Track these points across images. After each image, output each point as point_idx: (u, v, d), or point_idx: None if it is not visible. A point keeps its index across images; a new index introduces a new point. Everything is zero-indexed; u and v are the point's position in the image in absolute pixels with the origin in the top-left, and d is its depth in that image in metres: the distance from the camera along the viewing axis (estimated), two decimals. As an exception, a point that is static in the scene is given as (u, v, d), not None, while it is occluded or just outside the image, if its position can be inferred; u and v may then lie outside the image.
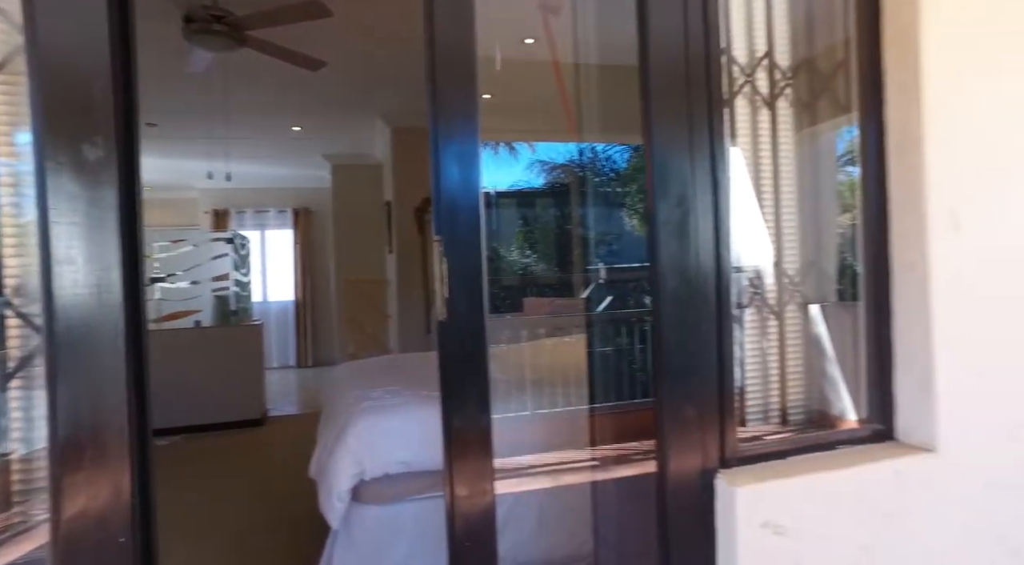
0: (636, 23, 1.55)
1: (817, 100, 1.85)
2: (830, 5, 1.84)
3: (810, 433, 1.72)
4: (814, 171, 1.91)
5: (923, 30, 1.65)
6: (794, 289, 1.81)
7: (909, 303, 1.70)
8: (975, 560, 1.68)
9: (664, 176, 1.52)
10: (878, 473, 1.60)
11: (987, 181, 1.71)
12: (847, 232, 1.96)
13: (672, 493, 1.52)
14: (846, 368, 1.86)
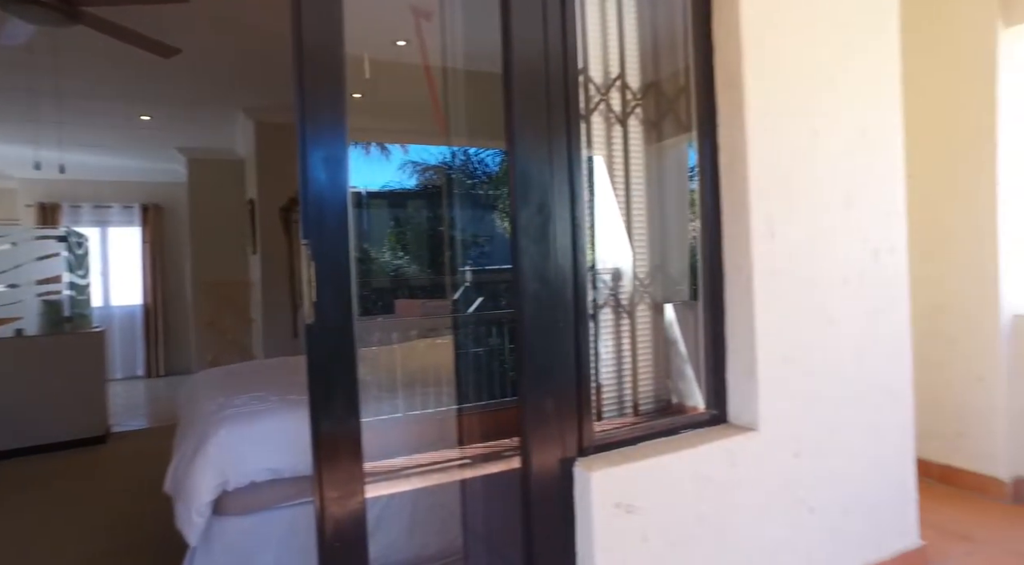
0: (501, 42, 1.63)
1: (663, 120, 2.05)
2: (673, 37, 2.05)
3: (658, 421, 1.90)
4: (665, 183, 2.11)
5: (745, 70, 1.90)
6: (644, 290, 2.00)
7: (737, 300, 1.95)
8: (785, 518, 1.96)
9: (525, 185, 1.62)
10: (712, 453, 1.82)
11: (791, 196, 1.99)
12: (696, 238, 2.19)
13: (535, 483, 1.63)
14: (691, 361, 2.08)
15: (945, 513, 2.79)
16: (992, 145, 2.91)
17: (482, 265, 7.63)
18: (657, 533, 1.69)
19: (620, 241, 1.98)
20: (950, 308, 3.07)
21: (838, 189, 2.10)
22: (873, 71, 2.23)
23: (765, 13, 1.94)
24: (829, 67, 2.10)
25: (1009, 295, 2.94)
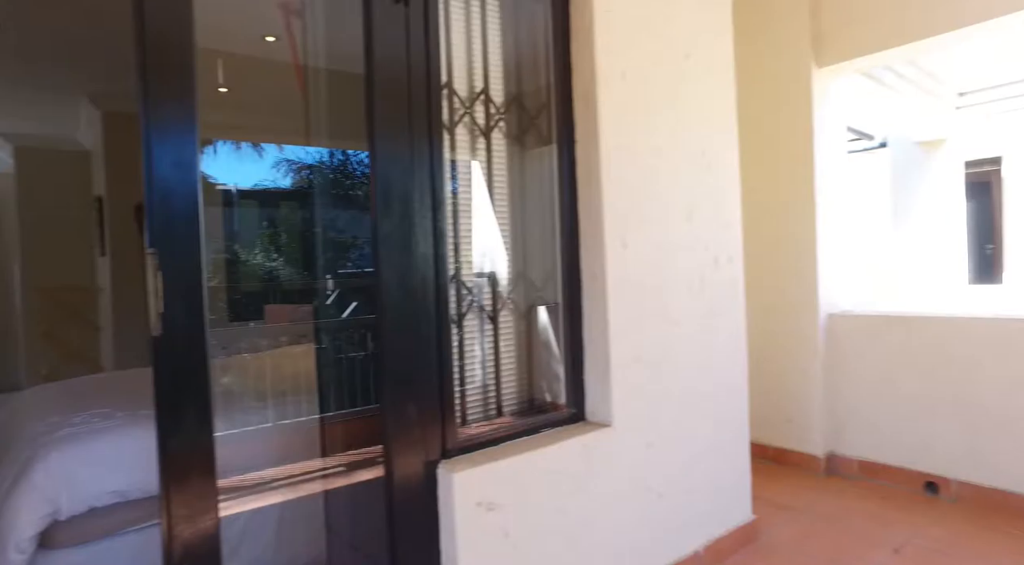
0: (363, 52, 1.65)
1: (526, 133, 2.16)
2: (536, 56, 2.16)
3: (520, 421, 2.00)
4: (529, 194, 2.21)
5: (599, 91, 2.05)
6: (508, 297, 2.09)
7: (593, 306, 2.09)
8: (637, 504, 2.13)
9: (387, 193, 1.65)
10: (570, 449, 1.94)
11: (640, 209, 2.18)
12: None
13: (399, 487, 1.66)
14: (554, 363, 2.20)
15: (774, 488, 3.15)
16: (809, 167, 3.33)
17: (361, 267, 7.47)
18: (518, 527, 1.77)
19: (485, 249, 2.06)
20: (779, 309, 3.48)
21: (681, 203, 2.32)
22: (711, 99, 2.48)
23: (617, 40, 2.11)
24: (673, 92, 2.31)
25: (825, 296, 3.38)
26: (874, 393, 3.25)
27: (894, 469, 3.17)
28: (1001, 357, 2.85)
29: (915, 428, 3.10)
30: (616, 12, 2.11)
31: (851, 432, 3.32)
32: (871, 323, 3.31)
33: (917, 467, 3.09)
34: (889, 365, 3.20)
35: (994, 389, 2.86)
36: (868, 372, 3.27)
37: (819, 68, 3.36)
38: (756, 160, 3.54)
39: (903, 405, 3.14)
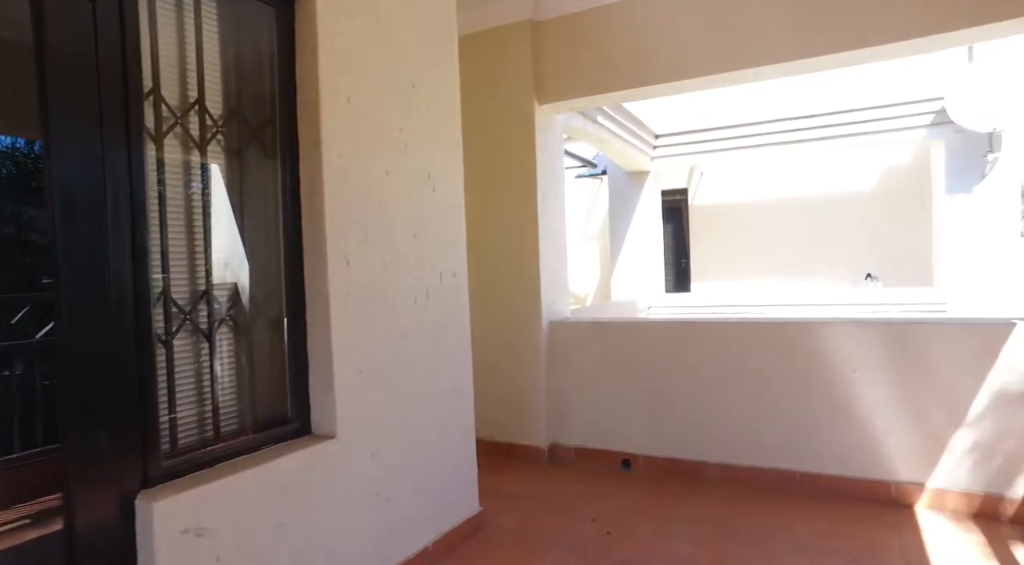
0: (34, 47, 1.49)
1: (247, 148, 2.11)
2: (260, 69, 2.14)
3: (237, 440, 1.95)
4: (249, 208, 2.17)
5: (324, 111, 2.11)
6: (227, 313, 2.03)
7: (317, 321, 2.13)
8: (366, 510, 2.22)
9: (69, 203, 1.51)
10: (292, 463, 1.95)
11: (365, 228, 2.28)
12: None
13: (84, 529, 1.51)
14: (279, 378, 2.18)
15: (505, 481, 3.50)
16: (532, 189, 3.79)
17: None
18: (232, 550, 1.74)
19: (203, 265, 1.97)
20: (509, 318, 3.87)
21: (407, 222, 2.48)
22: (437, 126, 2.70)
23: (343, 63, 2.19)
24: (400, 118, 2.47)
25: (547, 306, 3.86)
26: (586, 388, 3.79)
27: (601, 452, 3.73)
28: (673, 353, 3.55)
29: (615, 415, 3.70)
30: (342, 36, 2.20)
31: (569, 424, 3.83)
32: (583, 328, 3.87)
33: (617, 448, 3.69)
34: (597, 364, 3.77)
35: (668, 378, 3.55)
36: (581, 371, 3.81)
37: (540, 105, 3.84)
38: (489, 183, 3.92)
39: (607, 396, 3.73)
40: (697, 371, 3.48)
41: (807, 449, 3.22)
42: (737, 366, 3.39)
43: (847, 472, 3.12)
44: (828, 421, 3.17)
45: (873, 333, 3.13)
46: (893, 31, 2.99)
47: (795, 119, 6.43)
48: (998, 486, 2.83)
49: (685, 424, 3.50)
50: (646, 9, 3.54)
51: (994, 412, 2.84)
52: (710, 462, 3.42)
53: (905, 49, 3.12)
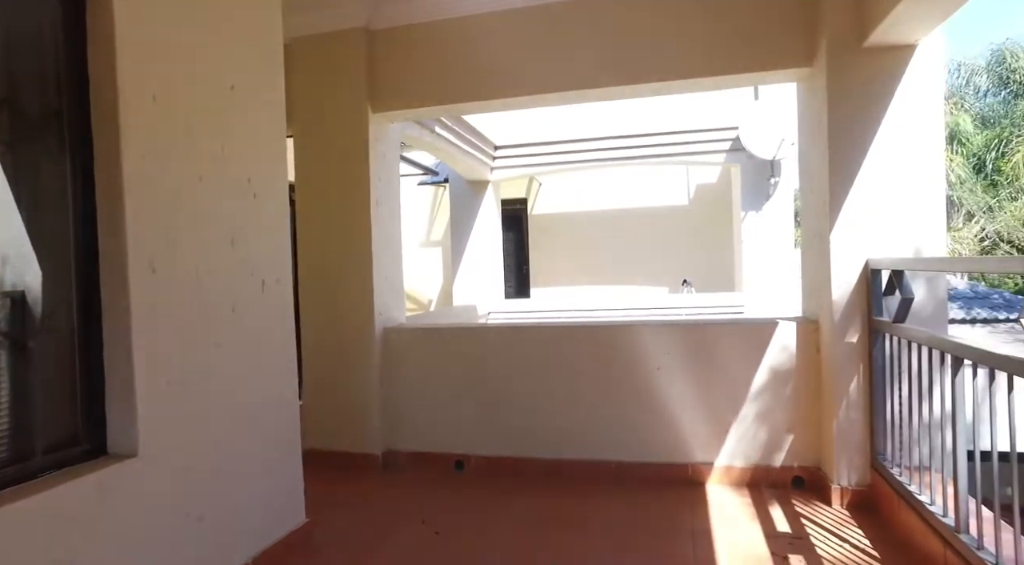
0: None
1: (25, 142, 1.91)
2: (42, 50, 1.94)
3: (8, 468, 1.75)
4: (33, 211, 1.96)
5: (123, 110, 1.97)
6: (0, 326, 1.82)
7: (116, 333, 1.98)
8: (175, 533, 2.10)
9: None
10: (79, 489, 1.79)
11: (176, 234, 2.17)
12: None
13: None
14: (67, 395, 1.98)
15: (338, 490, 3.46)
16: (366, 197, 3.79)
17: None
18: (0, 590, 1.56)
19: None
20: (342, 325, 3.83)
21: (224, 229, 2.38)
22: (260, 130, 2.62)
23: (147, 58, 2.06)
24: (217, 120, 2.37)
25: (381, 312, 3.88)
26: (420, 393, 3.86)
27: (436, 455, 3.81)
28: (501, 356, 3.74)
29: (448, 418, 3.80)
30: (147, 27, 2.07)
31: (404, 429, 3.87)
32: (417, 334, 3.94)
33: (450, 450, 3.79)
34: (431, 368, 3.86)
35: (497, 380, 3.73)
36: (415, 376, 3.87)
37: (374, 113, 3.85)
38: (322, 190, 3.86)
39: (440, 400, 3.82)
40: (523, 373, 3.70)
41: (618, 440, 3.55)
42: (558, 367, 3.65)
43: (652, 458, 3.50)
44: (636, 414, 3.52)
45: (673, 334, 3.54)
46: (678, 71, 3.46)
47: (622, 138, 7.05)
48: (765, 458, 3.35)
49: (513, 424, 3.70)
50: (480, 28, 3.71)
51: (762, 397, 3.35)
52: (536, 458, 3.64)
53: (689, 86, 3.61)
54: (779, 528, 2.86)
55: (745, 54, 3.36)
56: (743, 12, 3.31)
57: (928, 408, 2.43)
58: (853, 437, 3.03)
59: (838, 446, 3.06)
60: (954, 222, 16.25)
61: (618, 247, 8.32)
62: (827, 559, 2.54)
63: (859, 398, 3.02)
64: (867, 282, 2.97)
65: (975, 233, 15.53)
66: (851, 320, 3.02)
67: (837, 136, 3.01)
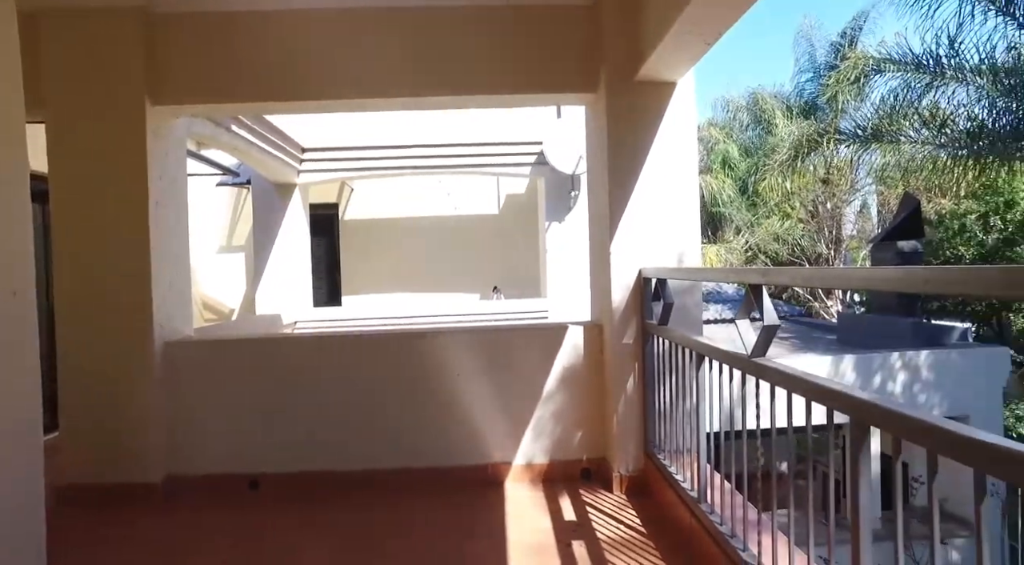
0: None
1: None
2: None
3: None
4: None
5: None
6: None
7: None
8: None
9: None
10: None
11: None
12: None
13: None
14: None
15: (104, 528, 3.04)
16: (143, 199, 3.40)
17: None
18: None
19: None
20: (112, 340, 3.39)
21: (-64, 230, 1.99)
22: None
23: None
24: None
25: (162, 324, 3.50)
26: (208, 411, 3.55)
27: (227, 476, 3.52)
28: (298, 368, 3.59)
29: (240, 436, 3.55)
30: None
31: (188, 451, 3.52)
32: (205, 348, 3.62)
33: (243, 470, 3.53)
34: (221, 384, 3.56)
35: (294, 393, 3.56)
36: (203, 392, 3.55)
37: (154, 106, 3.47)
38: (90, 188, 3.41)
39: (232, 418, 3.55)
40: (327, 384, 3.58)
41: (428, 447, 3.59)
42: (363, 376, 3.60)
43: (456, 462, 3.58)
44: (442, 420, 3.59)
45: (473, 340, 3.67)
46: (480, 86, 3.61)
47: (435, 147, 7.15)
48: (558, 454, 3.61)
49: (317, 438, 3.56)
50: (279, 25, 3.52)
51: (555, 396, 3.61)
52: (338, 471, 3.53)
53: (492, 101, 3.80)
54: (566, 517, 3.10)
55: (542, 76, 3.61)
56: (541, 39, 3.55)
57: (685, 398, 2.80)
58: (630, 428, 3.38)
59: (618, 437, 3.39)
60: (727, 235, 18.91)
61: (431, 254, 8.42)
62: (604, 541, 2.80)
63: (635, 393, 3.39)
64: (640, 289, 3.34)
65: (742, 245, 18.19)
66: (628, 323, 3.38)
67: (615, 157, 3.35)
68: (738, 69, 46.04)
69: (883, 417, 1.37)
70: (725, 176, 18.54)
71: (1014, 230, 13.17)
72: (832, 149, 12.35)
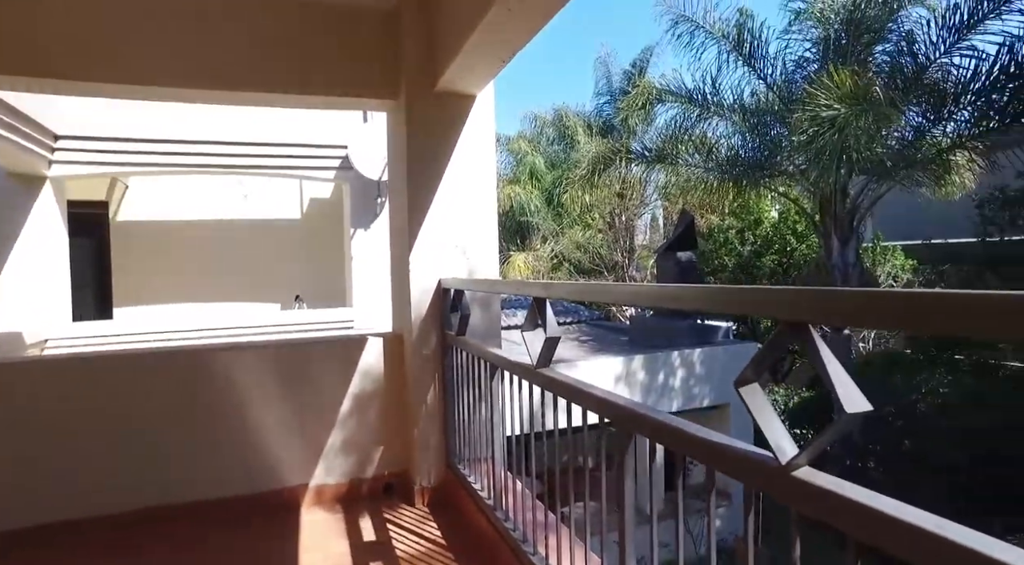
0: None
1: None
2: None
3: None
4: None
5: None
6: None
7: None
8: None
9: None
10: None
11: None
12: None
13: None
14: None
15: None
16: None
17: None
18: None
19: None
20: None
21: None
22: None
23: None
24: None
25: None
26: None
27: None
28: (55, 395, 3.01)
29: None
30: None
31: None
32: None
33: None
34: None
35: (45, 429, 2.98)
36: None
37: None
38: None
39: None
40: (90, 415, 3.05)
41: (206, 476, 3.21)
42: (139, 401, 3.13)
43: (248, 489, 3.26)
44: (226, 445, 3.24)
45: (266, 356, 3.38)
46: (274, 84, 3.35)
47: (229, 144, 6.53)
48: (359, 471, 3.46)
49: (66, 479, 3.01)
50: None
51: (355, 411, 3.46)
52: (106, 514, 3.02)
53: (289, 101, 3.54)
54: (366, 538, 2.97)
55: (341, 79, 3.44)
56: (341, 40, 3.39)
57: (482, 407, 2.84)
58: (431, 440, 3.36)
59: (420, 450, 3.34)
60: (535, 243, 19.95)
61: (225, 261, 7.66)
62: (403, 558, 2.73)
63: (436, 404, 3.37)
64: (440, 300, 3.34)
65: (548, 252, 19.32)
66: (428, 334, 3.35)
67: (415, 167, 3.31)
68: (546, 85, 49.15)
69: (634, 421, 1.50)
70: (533, 187, 19.56)
71: (761, 244, 15.65)
72: (625, 167, 13.64)
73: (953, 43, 9.51)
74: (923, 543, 0.79)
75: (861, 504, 0.87)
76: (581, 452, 1.86)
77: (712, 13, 11.35)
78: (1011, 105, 9.26)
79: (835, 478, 0.93)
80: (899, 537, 0.82)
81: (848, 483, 0.91)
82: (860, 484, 0.90)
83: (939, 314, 0.79)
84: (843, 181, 10.34)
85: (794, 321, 0.98)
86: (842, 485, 0.91)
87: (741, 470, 1.12)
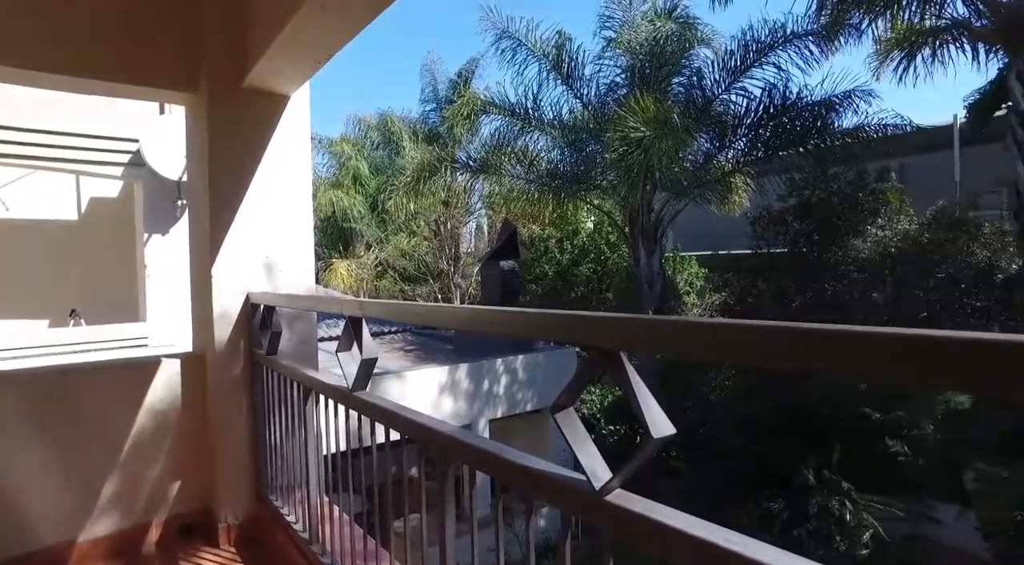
0: None
1: None
2: None
3: None
4: None
5: None
6: None
7: None
8: None
9: None
10: None
11: None
12: None
13: None
14: None
15: None
16: None
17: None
18: None
19: None
20: None
21: None
22: None
23: None
24: None
25: None
26: None
27: None
28: None
29: None
30: None
31: None
32: None
33: None
34: None
35: None
36: None
37: None
38: None
39: None
40: None
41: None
42: None
43: (15, 552, 2.67)
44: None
45: (21, 388, 2.81)
46: (48, 64, 2.80)
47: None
48: (147, 515, 3.01)
49: None
50: None
51: (144, 446, 3.01)
52: None
53: (70, 84, 3.01)
54: (155, 593, 2.59)
55: (129, 63, 2.98)
56: (130, 19, 2.93)
57: (295, 432, 2.62)
58: (239, 471, 3.03)
59: (224, 484, 3.01)
60: (358, 250, 19.30)
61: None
62: (201, 611, 2.42)
63: (244, 430, 3.05)
64: (248, 316, 3.04)
65: (372, 260, 18.80)
66: (235, 355, 3.03)
67: (218, 168, 2.99)
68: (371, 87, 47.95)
69: (453, 447, 1.46)
70: (356, 192, 18.96)
71: (578, 253, 16.73)
72: (451, 175, 13.75)
73: (730, 83, 11.01)
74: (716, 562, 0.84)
75: (665, 525, 0.91)
76: (403, 467, 1.78)
77: (534, 32, 11.91)
78: (772, 139, 10.98)
79: (647, 501, 0.97)
80: (698, 556, 0.87)
81: (660, 505, 0.95)
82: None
83: (734, 345, 0.85)
84: (648, 196, 11.42)
85: (606, 349, 1.00)
86: (653, 508, 0.95)
87: (558, 496, 1.12)
